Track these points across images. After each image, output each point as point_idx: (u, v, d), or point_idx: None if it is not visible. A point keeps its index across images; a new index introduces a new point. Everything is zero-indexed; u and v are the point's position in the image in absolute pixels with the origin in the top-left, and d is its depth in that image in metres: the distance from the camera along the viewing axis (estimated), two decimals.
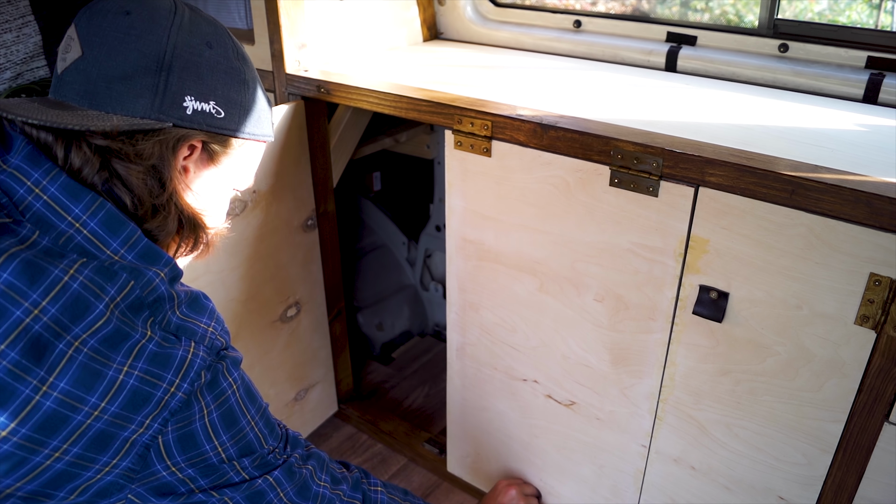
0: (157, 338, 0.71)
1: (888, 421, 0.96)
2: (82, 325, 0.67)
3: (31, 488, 0.67)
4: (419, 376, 2.05)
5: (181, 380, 0.72)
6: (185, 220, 0.82)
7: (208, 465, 0.77)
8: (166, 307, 0.74)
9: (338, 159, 1.62)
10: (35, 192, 0.70)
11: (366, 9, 1.59)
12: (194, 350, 0.74)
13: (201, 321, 0.76)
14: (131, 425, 0.70)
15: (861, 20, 1.69)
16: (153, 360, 0.71)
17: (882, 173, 0.92)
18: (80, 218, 0.71)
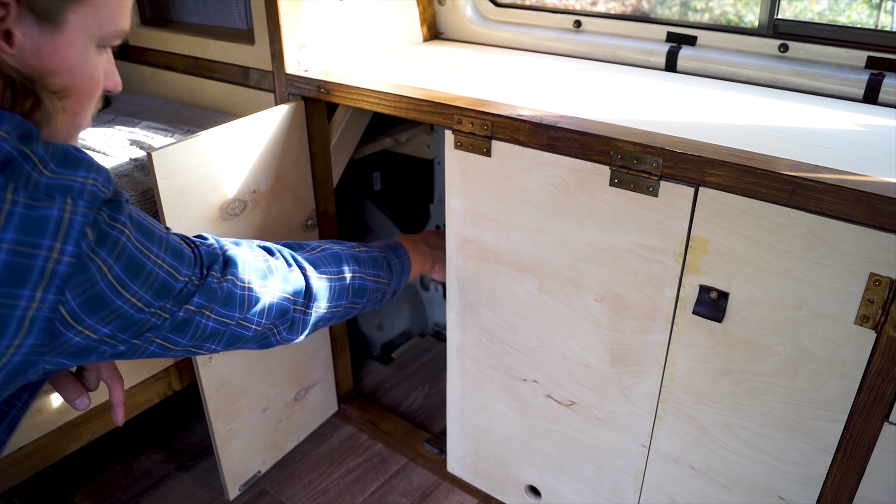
0: (22, 200, 0.64)
1: (888, 421, 0.96)
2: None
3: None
4: (419, 376, 2.05)
5: (63, 243, 0.66)
6: (19, 85, 0.69)
7: (125, 318, 0.75)
8: (25, 168, 0.65)
9: (338, 159, 1.62)
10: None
11: (366, 9, 1.59)
12: (72, 207, 0.67)
13: (77, 175, 0.69)
14: (20, 301, 0.65)
15: (861, 20, 1.69)
16: (23, 227, 0.64)
17: (882, 173, 0.92)
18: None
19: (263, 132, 1.38)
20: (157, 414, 1.88)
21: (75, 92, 0.74)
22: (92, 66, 0.75)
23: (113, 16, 0.75)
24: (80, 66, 0.74)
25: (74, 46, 0.72)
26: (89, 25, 0.73)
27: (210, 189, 1.30)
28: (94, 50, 0.75)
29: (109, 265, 0.71)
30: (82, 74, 0.74)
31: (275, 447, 1.69)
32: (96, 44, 0.75)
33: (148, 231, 0.78)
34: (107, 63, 0.79)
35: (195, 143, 1.25)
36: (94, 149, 1.46)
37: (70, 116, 0.75)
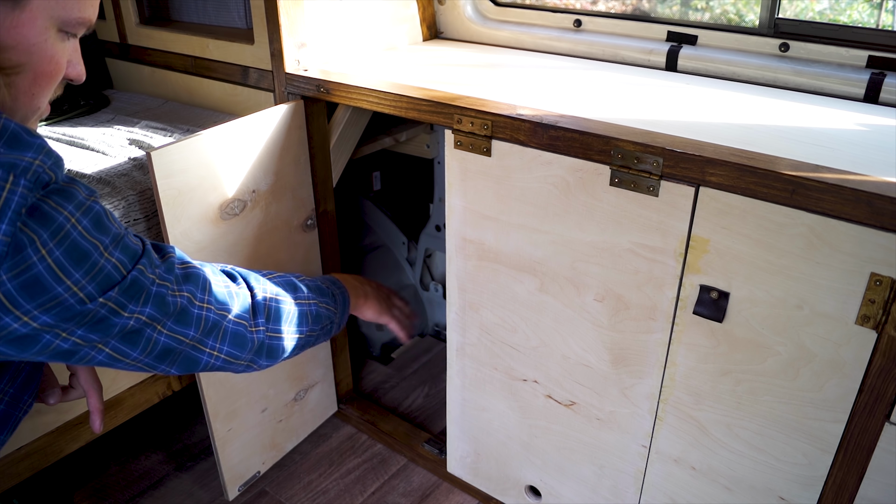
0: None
1: (889, 421, 0.95)
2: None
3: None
4: (419, 376, 2.05)
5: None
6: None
7: (66, 308, 0.72)
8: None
9: (338, 159, 1.62)
10: None
11: (365, 8, 1.58)
12: (11, 186, 0.65)
13: (25, 155, 0.67)
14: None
15: (862, 20, 1.69)
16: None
17: (883, 173, 0.92)
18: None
19: (263, 132, 1.38)
20: (156, 414, 1.88)
21: (31, 71, 0.73)
22: (52, 48, 0.74)
23: (77, 2, 0.75)
24: (38, 45, 0.72)
25: (34, 26, 0.71)
26: (52, 7, 0.72)
27: (209, 189, 1.30)
28: (55, 33, 0.74)
29: (49, 248, 0.69)
30: (41, 55, 0.73)
31: (274, 447, 1.68)
32: (58, 27, 0.74)
33: (102, 225, 0.75)
34: (72, 51, 0.78)
35: (194, 142, 1.25)
36: (94, 148, 1.46)
37: (27, 97, 0.74)
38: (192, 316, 0.87)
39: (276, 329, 1.03)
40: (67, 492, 1.64)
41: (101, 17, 1.84)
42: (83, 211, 0.72)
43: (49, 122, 1.64)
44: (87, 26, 0.77)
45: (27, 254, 0.67)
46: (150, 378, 1.45)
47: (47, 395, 1.01)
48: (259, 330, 1.00)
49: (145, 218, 1.33)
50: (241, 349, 0.97)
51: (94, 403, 1.00)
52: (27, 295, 0.68)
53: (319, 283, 1.19)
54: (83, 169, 1.36)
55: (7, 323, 0.69)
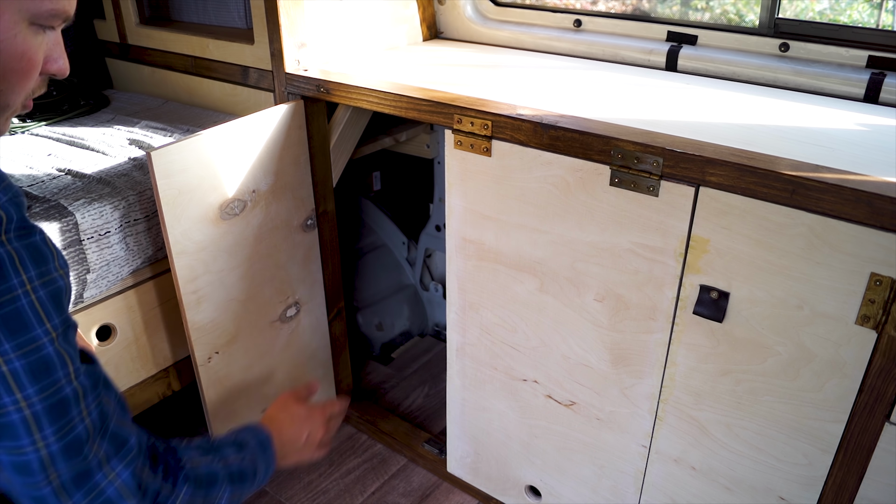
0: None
1: (889, 421, 0.95)
2: None
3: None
4: (419, 376, 2.05)
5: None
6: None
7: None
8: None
9: (338, 159, 1.62)
10: None
11: (365, 8, 1.58)
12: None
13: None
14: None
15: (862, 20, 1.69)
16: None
17: (883, 173, 0.92)
18: None
19: (263, 132, 1.38)
20: (156, 414, 1.87)
21: (1, 69, 0.69)
22: (23, 44, 0.69)
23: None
24: (7, 41, 0.68)
25: (1, 21, 0.67)
26: (21, 0, 0.68)
27: (209, 189, 1.30)
28: (26, 27, 0.69)
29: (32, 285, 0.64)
30: (10, 51, 0.68)
31: None
32: (29, 21, 0.69)
33: (58, 302, 0.69)
34: (51, 45, 0.73)
35: (194, 142, 1.25)
36: (94, 148, 1.46)
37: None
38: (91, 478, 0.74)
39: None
40: None
41: (101, 17, 1.84)
42: (43, 279, 0.67)
43: (49, 122, 1.64)
44: (63, 18, 0.72)
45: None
46: (151, 378, 1.45)
47: None
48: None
49: (145, 218, 1.33)
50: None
51: None
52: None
53: (236, 452, 0.98)
54: (83, 169, 1.36)
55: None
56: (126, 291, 1.35)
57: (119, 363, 1.37)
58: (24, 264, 0.65)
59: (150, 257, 1.36)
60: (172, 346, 1.48)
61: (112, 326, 1.34)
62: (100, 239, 1.25)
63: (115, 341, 1.35)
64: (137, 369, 1.42)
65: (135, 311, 1.37)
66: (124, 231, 1.29)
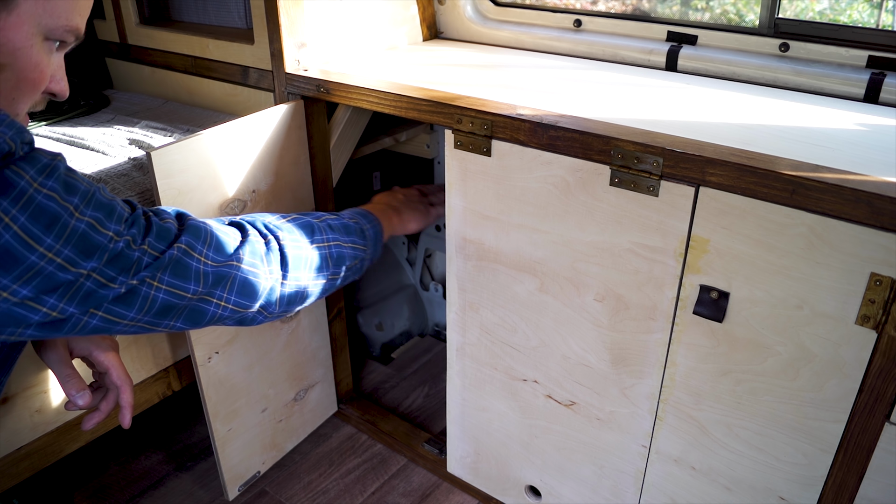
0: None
1: (889, 421, 0.95)
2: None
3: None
4: (419, 376, 2.05)
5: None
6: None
7: (46, 278, 0.68)
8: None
9: (337, 159, 1.62)
10: None
11: (365, 8, 1.58)
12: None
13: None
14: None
15: (862, 19, 1.69)
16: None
17: (883, 173, 0.92)
18: None
19: (263, 132, 1.38)
20: (156, 414, 1.88)
21: (15, 75, 0.72)
22: (37, 55, 0.73)
23: (66, 10, 0.74)
24: (24, 50, 0.72)
25: (21, 30, 0.71)
26: (40, 14, 0.72)
27: (209, 189, 1.30)
28: (41, 40, 0.73)
29: (13, 215, 0.65)
30: (26, 60, 0.72)
31: (274, 447, 1.68)
32: (45, 35, 0.73)
33: (70, 185, 0.72)
34: (56, 67, 0.78)
35: (194, 142, 1.25)
36: (94, 148, 1.46)
37: (6, 101, 0.73)
38: (190, 269, 0.84)
39: (294, 276, 1.00)
40: (67, 492, 1.64)
41: (101, 17, 1.84)
42: (47, 174, 0.69)
43: (49, 122, 1.64)
44: (74, 35, 0.76)
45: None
46: (150, 378, 1.45)
47: (77, 396, 0.97)
48: (274, 277, 0.97)
49: None
50: (251, 298, 0.94)
51: (127, 399, 0.99)
52: (0, 269, 0.66)
53: (346, 221, 1.15)
54: (83, 169, 1.36)
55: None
56: None
57: None
58: (25, 170, 0.68)
59: None
60: (172, 346, 1.48)
61: None
62: None
63: None
64: (137, 369, 1.42)
65: None
66: None
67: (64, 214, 0.69)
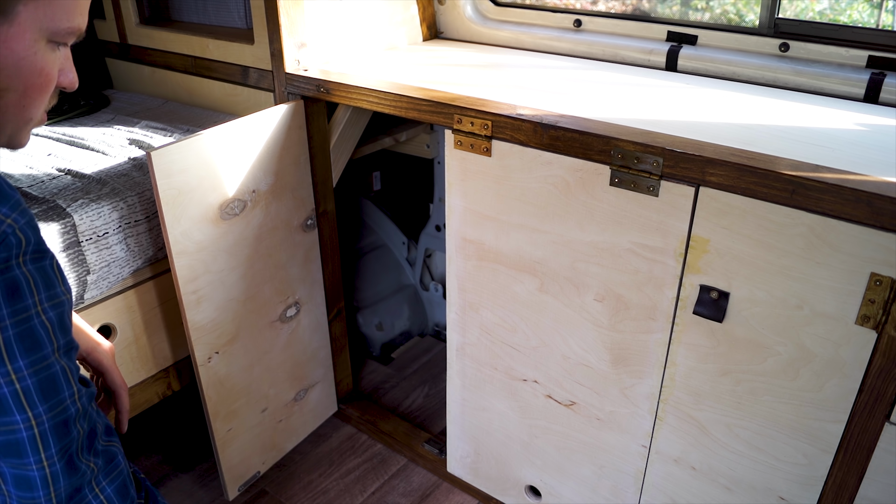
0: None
1: (889, 421, 0.95)
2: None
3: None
4: (419, 376, 2.05)
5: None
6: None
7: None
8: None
9: (338, 159, 1.62)
10: None
11: (365, 8, 1.58)
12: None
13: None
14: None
15: (862, 20, 1.69)
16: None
17: (883, 173, 0.92)
18: None
19: (263, 132, 1.38)
20: (156, 414, 1.88)
21: (21, 87, 0.72)
22: (42, 60, 0.73)
23: (67, 11, 0.73)
24: (28, 59, 0.71)
25: (23, 39, 0.70)
26: (41, 19, 0.71)
27: (209, 189, 1.30)
28: (44, 44, 0.73)
29: (4, 326, 0.65)
30: (30, 69, 0.72)
31: (274, 447, 1.68)
32: (48, 39, 0.73)
33: (63, 322, 0.71)
34: (63, 59, 0.77)
35: (194, 142, 1.25)
36: (94, 148, 1.46)
37: (17, 110, 0.73)
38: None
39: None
40: None
41: (101, 17, 1.84)
42: (52, 300, 0.69)
43: (49, 121, 1.64)
44: (76, 35, 0.75)
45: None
46: (150, 378, 1.45)
47: None
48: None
49: (146, 219, 1.32)
50: None
51: (123, 404, 1.00)
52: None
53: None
54: (83, 169, 1.36)
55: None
56: (126, 291, 1.35)
57: (119, 363, 1.37)
58: (38, 286, 0.68)
59: (151, 258, 1.36)
60: (172, 346, 1.48)
61: (112, 326, 1.34)
62: (98, 240, 1.25)
63: (114, 341, 1.35)
64: (137, 369, 1.42)
65: (135, 311, 1.37)
66: (124, 232, 1.29)
67: (48, 352, 0.69)
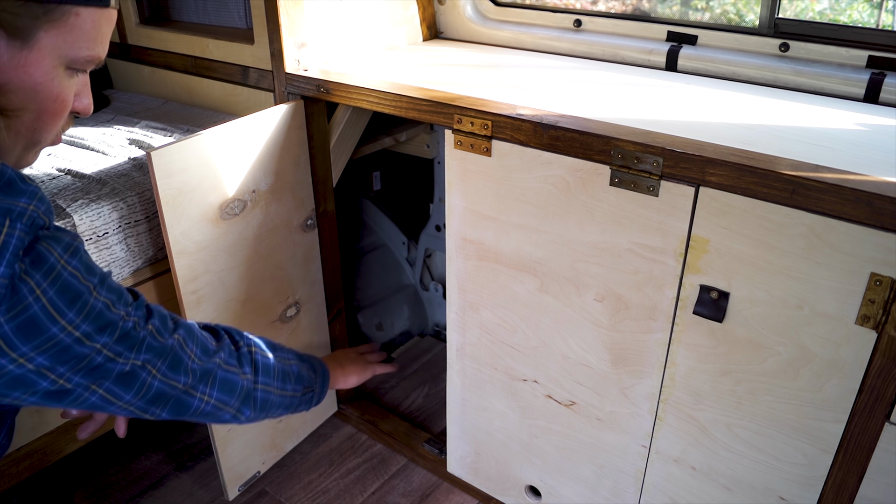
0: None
1: (889, 421, 0.95)
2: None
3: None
4: (419, 376, 2.05)
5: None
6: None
7: (62, 349, 0.72)
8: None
9: (338, 159, 1.62)
10: None
11: (365, 8, 1.58)
12: (9, 230, 0.66)
13: (20, 201, 0.68)
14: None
15: (862, 20, 1.69)
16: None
17: (883, 173, 0.92)
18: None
19: (263, 132, 1.38)
20: None
21: (35, 110, 0.73)
22: (58, 86, 0.74)
23: (87, 40, 0.74)
24: (44, 84, 0.73)
25: (41, 65, 0.71)
26: (60, 46, 0.72)
27: (209, 189, 1.30)
28: (63, 71, 0.74)
29: (44, 289, 0.69)
30: (46, 94, 0.73)
31: (274, 447, 1.68)
32: (66, 66, 0.74)
33: (90, 267, 0.76)
34: (80, 85, 0.78)
35: (194, 142, 1.25)
36: (94, 148, 1.46)
37: (28, 132, 0.74)
38: (183, 363, 0.88)
39: (265, 381, 1.03)
40: (67, 492, 1.64)
41: None
42: (71, 252, 0.73)
43: None
44: (95, 63, 0.77)
45: (23, 295, 0.67)
46: None
47: (80, 429, 1.05)
48: (248, 379, 1.00)
49: (146, 219, 1.32)
50: (230, 396, 0.97)
51: None
52: (23, 336, 0.68)
53: (298, 352, 1.18)
54: (83, 169, 1.36)
55: (2, 364, 0.69)
56: None
57: None
58: (53, 247, 0.71)
59: (151, 258, 1.36)
60: None
61: None
62: (98, 240, 1.25)
63: None
64: None
65: None
66: (124, 232, 1.29)
67: (85, 292, 0.73)
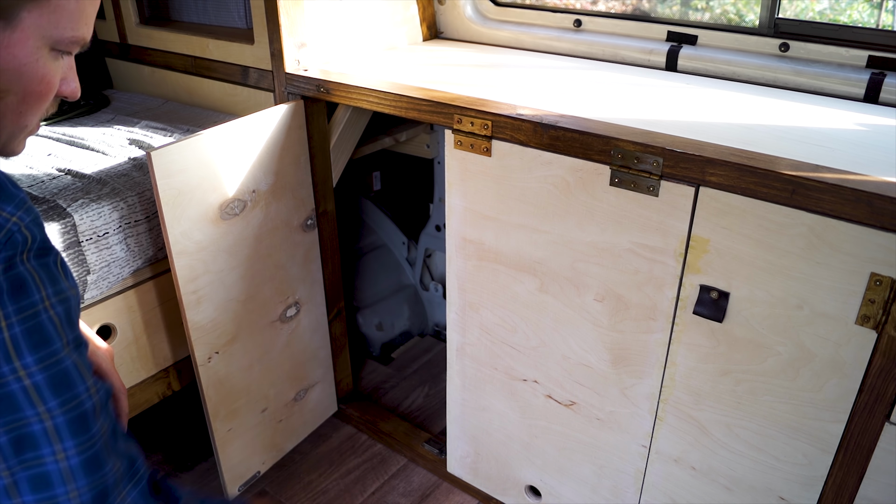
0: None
1: (889, 421, 0.95)
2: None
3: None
4: (419, 376, 2.05)
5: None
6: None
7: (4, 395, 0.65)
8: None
9: (338, 159, 1.62)
10: None
11: (366, 8, 1.58)
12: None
13: (3, 209, 0.64)
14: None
15: (862, 20, 1.69)
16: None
17: (883, 173, 0.92)
18: None
19: (263, 132, 1.38)
20: (156, 414, 1.88)
21: (20, 92, 0.71)
22: (43, 68, 0.72)
23: (71, 20, 0.72)
24: (29, 65, 0.70)
25: (26, 46, 0.70)
26: (44, 26, 0.70)
27: (209, 189, 1.30)
28: (47, 52, 0.72)
29: (11, 322, 0.64)
30: (31, 75, 0.71)
31: (274, 447, 1.68)
32: (50, 47, 0.72)
33: (71, 320, 0.70)
34: (66, 69, 0.76)
35: (194, 142, 1.25)
36: (94, 148, 1.46)
37: (14, 116, 0.73)
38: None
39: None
40: None
41: (101, 17, 1.83)
42: (60, 300, 0.68)
43: (49, 121, 1.64)
44: (80, 45, 0.75)
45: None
46: (150, 378, 1.45)
47: None
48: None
49: (146, 219, 1.32)
50: None
51: (123, 408, 1.00)
52: None
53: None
54: (83, 169, 1.36)
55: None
56: (126, 291, 1.35)
57: (119, 363, 1.37)
58: (43, 283, 0.67)
59: (151, 258, 1.36)
60: (172, 346, 1.48)
61: (112, 326, 1.34)
62: (98, 240, 1.25)
63: (115, 341, 1.35)
64: (137, 369, 1.42)
65: (135, 311, 1.37)
66: (124, 232, 1.29)
67: (58, 346, 0.68)
